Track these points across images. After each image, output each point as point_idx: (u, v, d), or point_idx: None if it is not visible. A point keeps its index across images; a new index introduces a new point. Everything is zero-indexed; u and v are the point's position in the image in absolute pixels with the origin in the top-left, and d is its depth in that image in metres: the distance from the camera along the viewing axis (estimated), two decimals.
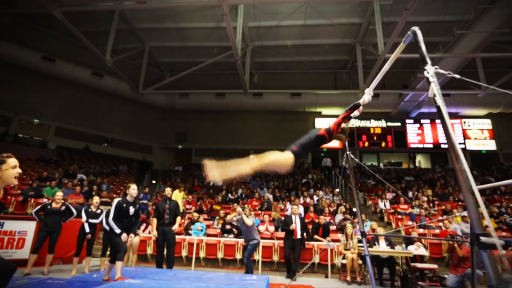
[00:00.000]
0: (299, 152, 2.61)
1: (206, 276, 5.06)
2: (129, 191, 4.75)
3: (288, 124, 18.35)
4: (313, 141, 2.72)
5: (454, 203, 10.38)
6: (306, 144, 2.68)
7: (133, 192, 4.73)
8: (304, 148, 2.67)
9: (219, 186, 12.52)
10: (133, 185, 4.79)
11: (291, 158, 2.50)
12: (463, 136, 16.95)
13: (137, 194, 4.82)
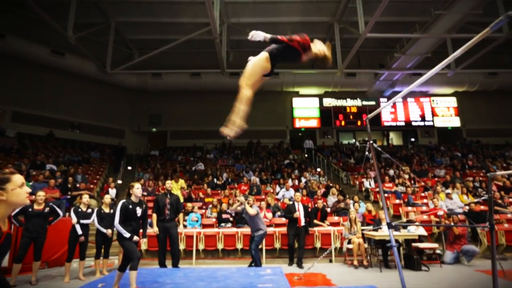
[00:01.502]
0: (271, 51, 2.70)
1: (219, 274, 4.85)
2: (133, 190, 4.29)
3: (266, 104, 17.99)
4: (283, 47, 2.71)
5: (432, 179, 10.97)
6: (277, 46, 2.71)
7: (137, 191, 4.28)
8: (276, 48, 2.71)
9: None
10: (137, 184, 4.34)
11: (265, 55, 2.67)
12: (431, 114, 17.85)
13: (141, 194, 4.37)
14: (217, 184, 10.85)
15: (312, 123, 18.16)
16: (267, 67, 2.74)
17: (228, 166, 13.58)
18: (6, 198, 1.53)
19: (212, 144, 16.79)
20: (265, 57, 2.70)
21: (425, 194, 9.64)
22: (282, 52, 2.72)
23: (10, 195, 1.55)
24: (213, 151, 15.50)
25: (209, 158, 14.70)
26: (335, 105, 18.22)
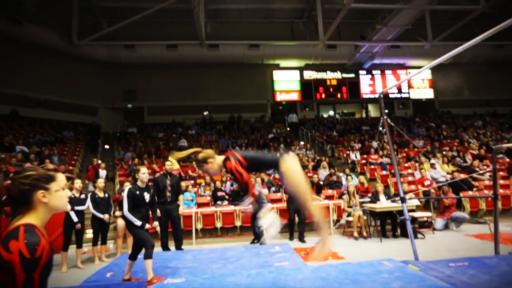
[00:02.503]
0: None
1: (229, 254, 4.79)
2: (138, 175, 4.01)
3: (246, 78, 17.63)
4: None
5: (413, 149, 11.43)
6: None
7: (143, 176, 4.00)
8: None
9: None
10: (143, 168, 4.04)
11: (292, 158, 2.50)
12: (408, 86, 18.35)
13: (148, 178, 4.10)
14: None
15: (293, 96, 18.05)
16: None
17: (212, 142, 13.28)
18: (48, 200, 1.27)
19: (192, 119, 16.28)
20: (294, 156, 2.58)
21: (408, 165, 10.05)
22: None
23: (53, 198, 1.29)
24: (194, 127, 15.05)
25: (190, 134, 14.27)
26: (316, 77, 18.14)
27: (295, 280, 3.27)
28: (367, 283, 3.11)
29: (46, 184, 1.27)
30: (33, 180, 1.25)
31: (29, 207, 1.24)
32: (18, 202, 1.24)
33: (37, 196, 1.24)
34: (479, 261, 3.90)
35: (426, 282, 3.05)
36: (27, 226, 1.18)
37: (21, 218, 1.22)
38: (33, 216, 1.24)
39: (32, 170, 1.28)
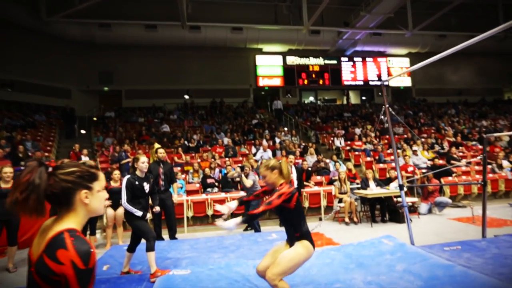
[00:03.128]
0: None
1: (227, 243, 4.75)
2: (138, 164, 3.80)
3: (228, 62, 17.25)
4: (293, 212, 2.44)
5: (395, 136, 11.77)
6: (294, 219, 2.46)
7: (143, 166, 3.81)
8: None
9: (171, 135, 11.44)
10: (142, 157, 3.83)
11: (310, 250, 2.40)
12: (387, 74, 18.75)
13: (147, 167, 3.90)
14: (189, 146, 10.36)
15: (275, 82, 17.94)
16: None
17: (195, 127, 12.98)
18: (89, 202, 1.12)
19: (173, 104, 15.80)
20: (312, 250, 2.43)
21: (390, 151, 10.36)
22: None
23: (94, 199, 1.14)
24: (175, 112, 14.61)
25: (172, 119, 13.86)
26: (298, 63, 18.08)
27: (302, 268, 3.28)
28: (372, 266, 3.18)
29: (90, 183, 1.12)
30: (77, 178, 1.09)
31: (68, 208, 1.09)
32: (58, 201, 1.08)
33: (79, 196, 1.09)
34: (470, 244, 4.10)
35: (428, 261, 3.17)
36: (71, 232, 1.03)
37: (60, 222, 1.07)
38: (73, 219, 1.09)
39: (75, 166, 1.12)
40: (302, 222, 2.46)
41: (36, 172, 1.02)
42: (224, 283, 2.94)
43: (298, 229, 2.41)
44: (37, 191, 1.00)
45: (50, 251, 0.98)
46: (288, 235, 2.56)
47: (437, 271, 2.88)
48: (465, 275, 2.75)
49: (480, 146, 11.10)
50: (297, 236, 2.42)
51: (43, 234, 1.07)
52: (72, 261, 0.96)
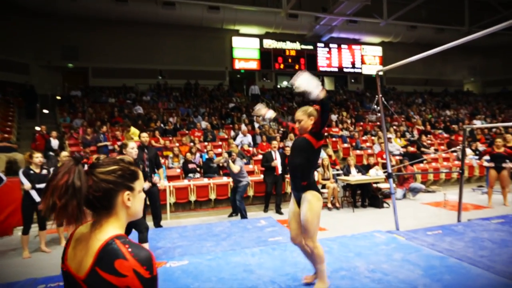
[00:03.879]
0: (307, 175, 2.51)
1: (217, 230, 4.68)
2: (126, 151, 3.58)
3: (204, 42, 16.63)
4: (312, 160, 2.53)
5: (369, 123, 12.19)
6: (307, 166, 2.50)
7: (132, 152, 3.60)
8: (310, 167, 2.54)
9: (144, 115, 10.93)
10: (131, 142, 3.62)
11: (320, 198, 2.52)
12: (361, 61, 19.17)
13: (137, 153, 3.67)
14: (166, 130, 9.98)
15: (252, 65, 17.66)
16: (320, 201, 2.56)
17: (170, 109, 12.50)
18: (131, 204, 0.98)
19: (145, 84, 15.05)
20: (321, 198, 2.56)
21: (366, 138, 10.72)
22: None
23: (135, 201, 1.00)
24: (148, 93, 13.94)
25: (145, 100, 13.22)
26: (275, 47, 17.88)
27: (302, 256, 3.31)
28: (370, 255, 3.28)
29: (131, 183, 0.98)
30: (119, 177, 0.95)
31: (109, 212, 0.94)
32: (98, 205, 0.94)
33: (122, 198, 0.95)
34: (449, 229, 4.38)
35: (422, 252, 3.33)
36: (121, 238, 0.90)
37: (101, 228, 0.92)
38: (115, 224, 0.95)
39: (115, 163, 0.97)
40: (312, 171, 2.55)
41: (74, 173, 0.87)
42: (226, 274, 2.88)
43: (306, 177, 2.48)
44: (78, 195, 0.85)
45: (105, 264, 0.85)
46: (294, 186, 2.60)
47: (432, 261, 3.04)
48: (460, 266, 2.93)
49: (446, 134, 11.83)
50: (304, 185, 2.48)
51: (81, 245, 0.92)
52: (135, 271, 0.84)
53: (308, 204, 2.42)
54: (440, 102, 17.42)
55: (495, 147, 6.36)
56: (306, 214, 2.41)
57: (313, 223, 2.40)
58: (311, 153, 2.47)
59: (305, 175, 2.47)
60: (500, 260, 3.26)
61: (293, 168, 2.58)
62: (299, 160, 2.49)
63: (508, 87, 21.82)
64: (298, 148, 2.53)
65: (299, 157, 2.50)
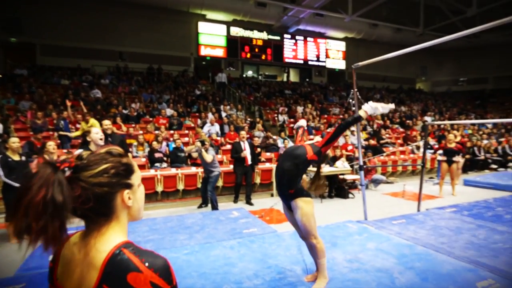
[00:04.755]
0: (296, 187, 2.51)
1: (189, 222, 4.53)
2: (90, 136, 3.28)
3: (168, 25, 15.85)
4: (301, 168, 2.51)
5: (333, 116, 12.58)
6: (294, 174, 2.50)
7: (97, 137, 3.31)
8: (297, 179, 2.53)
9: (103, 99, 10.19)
10: (95, 127, 3.33)
11: (310, 201, 2.51)
12: (325, 55, 19.63)
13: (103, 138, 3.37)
14: (128, 116, 9.42)
15: (218, 52, 17.24)
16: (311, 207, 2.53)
17: (132, 95, 11.79)
18: (133, 203, 0.84)
19: (103, 66, 14.01)
20: (311, 203, 2.52)
21: (330, 130, 11.06)
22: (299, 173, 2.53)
23: (136, 197, 0.86)
24: (107, 76, 12.99)
25: (104, 83, 12.32)
26: (242, 35, 17.60)
27: (282, 248, 3.33)
28: (345, 245, 3.40)
29: (128, 179, 0.83)
30: (113, 176, 0.79)
31: (108, 218, 0.80)
32: (93, 214, 0.78)
33: (122, 198, 0.81)
34: (411, 218, 4.69)
35: (392, 241, 3.52)
36: (129, 246, 0.76)
37: (100, 237, 0.78)
38: (118, 229, 0.81)
39: (102, 159, 0.80)
40: (299, 179, 2.55)
41: (53, 184, 0.68)
42: (207, 269, 2.79)
43: (293, 185, 2.48)
44: (61, 213, 0.68)
45: (116, 280, 0.72)
46: (281, 192, 2.60)
47: (403, 249, 3.22)
48: (427, 253, 3.14)
49: (401, 129, 12.64)
50: (291, 193, 2.49)
51: (76, 260, 0.78)
52: (153, 283, 0.73)
53: (300, 210, 2.45)
54: (396, 98, 18.51)
55: (447, 143, 6.91)
56: (301, 220, 2.45)
57: (310, 225, 2.45)
58: (302, 163, 2.46)
59: (292, 183, 2.47)
60: (458, 246, 3.56)
61: (280, 173, 2.55)
62: (287, 165, 2.48)
63: (452, 87, 23.91)
64: (291, 154, 2.51)
65: (289, 162, 2.48)
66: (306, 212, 2.46)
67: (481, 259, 3.16)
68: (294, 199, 2.49)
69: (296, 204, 2.48)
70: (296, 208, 2.48)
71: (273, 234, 3.79)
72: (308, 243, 2.57)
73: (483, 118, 16.77)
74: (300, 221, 2.47)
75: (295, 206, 2.50)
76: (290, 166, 2.47)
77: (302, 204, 2.47)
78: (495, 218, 4.71)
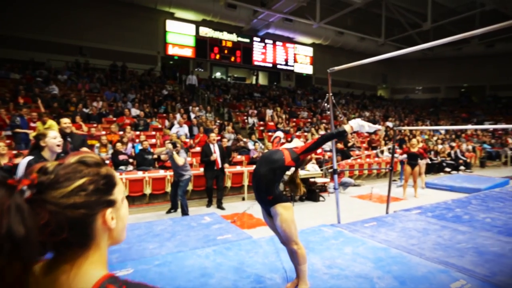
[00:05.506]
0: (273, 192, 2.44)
1: (158, 229, 4.27)
2: (46, 142, 2.87)
3: (134, 22, 15.18)
4: (278, 174, 2.46)
5: (302, 120, 12.76)
6: (271, 179, 2.44)
7: (54, 143, 2.87)
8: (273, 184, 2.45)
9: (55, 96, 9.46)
10: (52, 131, 2.86)
11: (289, 207, 2.48)
12: (293, 60, 19.95)
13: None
14: (89, 115, 8.80)
15: (186, 52, 16.81)
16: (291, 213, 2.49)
17: (94, 93, 11.07)
18: (117, 223, 0.68)
19: (61, 61, 13.02)
20: (291, 207, 2.50)
21: (299, 134, 11.21)
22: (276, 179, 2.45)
23: (120, 216, 0.70)
24: (65, 72, 12.09)
25: (61, 79, 11.44)
26: (212, 36, 17.34)
27: (259, 255, 3.22)
28: (323, 250, 3.37)
29: (110, 195, 0.67)
30: (92, 194, 0.63)
31: (85, 246, 0.63)
32: (65, 247, 0.61)
33: (104, 220, 0.65)
34: (381, 220, 4.82)
35: (367, 244, 3.56)
36: (113, 281, 0.61)
37: (76, 269, 0.61)
38: (97, 259, 0.64)
39: (76, 172, 0.63)
40: (277, 184, 2.48)
41: (9, 212, 0.50)
42: (182, 281, 2.60)
43: (271, 191, 2.41)
44: (23, 252, 0.51)
45: None
46: (259, 198, 2.51)
47: (379, 253, 3.26)
48: (401, 256, 3.21)
49: (366, 133, 13.15)
50: (270, 199, 2.42)
51: None
52: None
53: (279, 217, 2.40)
54: (360, 104, 19.31)
55: (411, 147, 7.26)
56: (281, 226, 2.40)
57: (290, 231, 2.40)
58: (279, 168, 2.39)
59: (270, 189, 2.40)
60: (427, 247, 3.69)
61: (257, 179, 2.46)
62: (264, 171, 2.40)
63: (409, 95, 25.49)
64: (268, 159, 2.44)
65: (265, 167, 2.40)
66: (286, 218, 2.41)
67: (450, 259, 3.29)
68: (274, 205, 2.43)
69: (276, 210, 2.42)
70: (276, 215, 2.43)
71: (249, 240, 3.67)
72: (289, 249, 2.52)
73: (436, 125, 18.03)
74: (280, 227, 2.41)
75: (274, 212, 2.44)
76: (267, 171, 2.39)
77: (281, 210, 2.41)
78: (455, 219, 4.99)
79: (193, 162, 7.49)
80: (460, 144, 13.48)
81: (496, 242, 3.88)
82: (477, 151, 13.89)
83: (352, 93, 21.71)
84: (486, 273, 2.94)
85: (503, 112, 21.87)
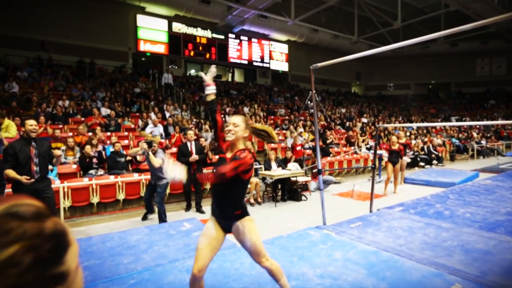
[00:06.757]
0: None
1: (133, 239, 3.92)
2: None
3: (102, 15, 14.38)
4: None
5: (280, 117, 12.64)
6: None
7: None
8: None
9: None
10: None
11: (253, 219, 2.25)
12: (269, 57, 19.80)
13: None
14: (54, 115, 8.15)
15: (159, 49, 16.18)
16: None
17: (59, 91, 10.30)
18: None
19: (20, 57, 12.04)
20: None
21: (277, 131, 11.07)
22: None
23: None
24: (26, 69, 11.17)
25: (22, 77, 10.55)
26: (185, 32, 16.81)
27: (245, 266, 3.00)
28: (313, 257, 3.20)
29: (60, 266, 0.44)
30: (29, 270, 0.40)
31: None
32: None
33: None
34: (366, 219, 4.74)
35: (357, 248, 3.43)
36: None
37: None
38: None
39: (6, 233, 0.40)
40: (243, 196, 2.25)
41: None
42: None
43: (239, 205, 2.17)
44: None
45: None
46: (222, 214, 2.20)
47: (369, 257, 3.14)
48: (393, 260, 3.10)
49: (343, 130, 13.26)
50: (238, 214, 2.16)
51: None
52: None
53: (248, 230, 2.15)
54: (335, 101, 19.53)
55: (391, 144, 7.31)
56: (251, 239, 2.14)
57: (260, 244, 2.19)
58: (241, 185, 2.15)
59: (237, 203, 2.16)
60: (415, 247, 3.64)
61: (219, 195, 2.17)
62: (223, 188, 2.11)
63: (382, 92, 26.19)
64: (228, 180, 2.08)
65: (228, 188, 2.11)
66: (253, 230, 2.18)
67: (439, 259, 3.24)
68: (240, 220, 2.16)
69: (244, 225, 2.15)
70: (244, 229, 2.15)
71: (233, 249, 3.42)
72: (262, 267, 2.26)
73: (409, 120, 18.63)
74: (250, 241, 2.15)
75: (243, 226, 2.15)
76: (228, 187, 2.09)
77: (249, 224, 2.17)
78: (437, 215, 5.02)
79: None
80: (431, 139, 13.94)
81: (479, 238, 3.90)
82: (447, 145, 14.45)
83: (328, 90, 21.93)
84: (476, 273, 2.90)
85: (467, 108, 23.04)
